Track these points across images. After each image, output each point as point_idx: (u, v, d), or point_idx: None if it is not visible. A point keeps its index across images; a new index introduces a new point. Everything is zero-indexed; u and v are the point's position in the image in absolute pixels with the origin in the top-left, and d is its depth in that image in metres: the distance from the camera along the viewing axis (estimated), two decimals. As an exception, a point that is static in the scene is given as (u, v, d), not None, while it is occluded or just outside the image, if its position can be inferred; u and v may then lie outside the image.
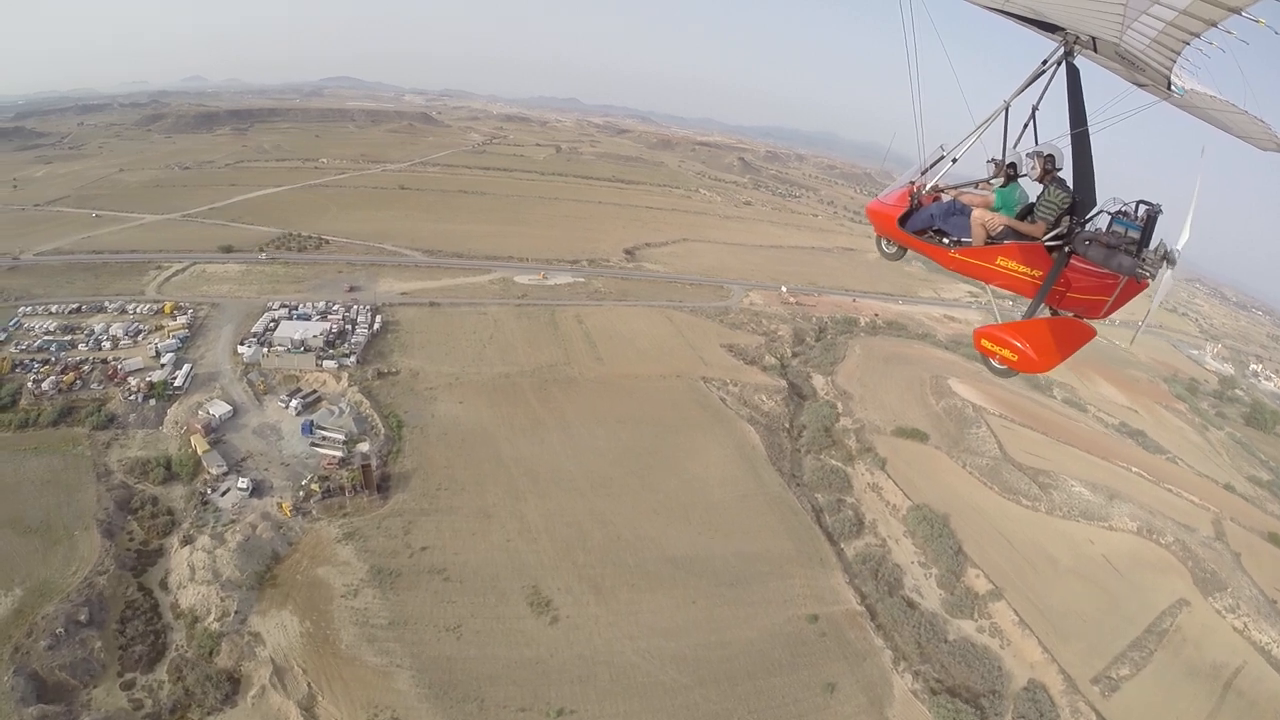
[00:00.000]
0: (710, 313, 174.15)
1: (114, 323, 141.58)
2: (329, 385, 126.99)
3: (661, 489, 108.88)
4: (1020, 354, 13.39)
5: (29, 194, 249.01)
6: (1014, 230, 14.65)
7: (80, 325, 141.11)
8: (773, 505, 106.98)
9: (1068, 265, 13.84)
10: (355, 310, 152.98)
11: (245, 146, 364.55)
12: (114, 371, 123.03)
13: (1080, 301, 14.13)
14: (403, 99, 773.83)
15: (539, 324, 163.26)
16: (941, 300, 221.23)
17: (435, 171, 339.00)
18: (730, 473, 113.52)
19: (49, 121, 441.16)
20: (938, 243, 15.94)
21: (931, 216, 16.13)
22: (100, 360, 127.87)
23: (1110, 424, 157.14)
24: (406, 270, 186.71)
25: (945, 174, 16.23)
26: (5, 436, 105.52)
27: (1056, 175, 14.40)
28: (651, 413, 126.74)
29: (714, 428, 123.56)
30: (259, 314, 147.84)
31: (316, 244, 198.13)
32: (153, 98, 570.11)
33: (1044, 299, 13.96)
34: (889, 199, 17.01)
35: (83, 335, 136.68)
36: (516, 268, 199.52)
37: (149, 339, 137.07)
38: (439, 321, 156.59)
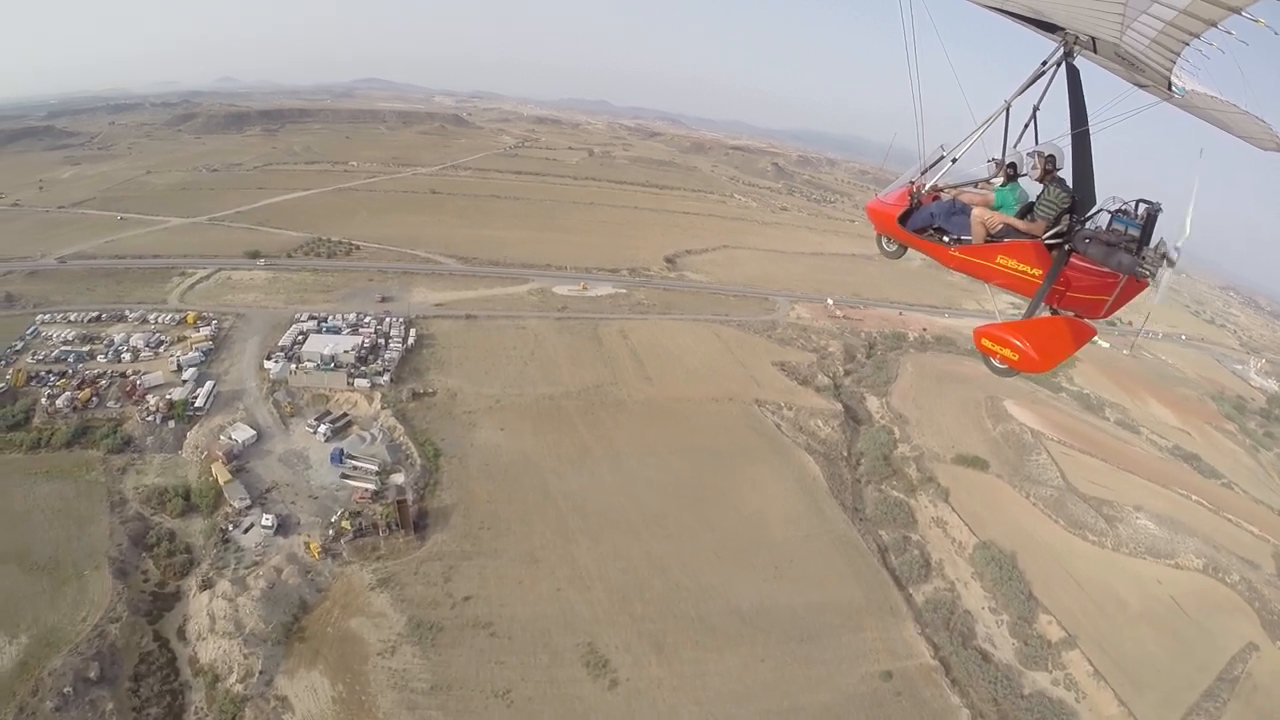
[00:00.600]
0: (758, 327, 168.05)
1: (134, 333, 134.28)
2: (360, 407, 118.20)
3: (721, 527, 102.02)
4: (1020, 353, 13.35)
5: (55, 195, 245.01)
6: (1014, 229, 14.62)
7: (99, 335, 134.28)
8: (838, 545, 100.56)
9: (1068, 264, 13.75)
10: (388, 323, 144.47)
11: (275, 148, 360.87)
12: (132, 388, 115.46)
13: (1080, 301, 14.00)
14: (433, 100, 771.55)
15: (582, 339, 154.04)
16: (985, 313, 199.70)
17: (467, 175, 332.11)
18: (792, 508, 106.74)
19: (80, 121, 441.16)
20: (938, 241, 15.84)
21: (932, 215, 16.11)
22: (119, 374, 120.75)
23: (1164, 446, 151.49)
24: (441, 279, 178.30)
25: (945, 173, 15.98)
26: (16, 459, 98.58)
27: (1056, 175, 14.25)
28: (705, 440, 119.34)
29: (772, 457, 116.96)
30: (286, 325, 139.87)
31: (347, 250, 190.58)
32: (184, 98, 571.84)
33: (1044, 298, 13.87)
34: (889, 198, 16.92)
35: (102, 346, 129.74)
36: (555, 277, 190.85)
37: (170, 351, 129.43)
38: (477, 336, 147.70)
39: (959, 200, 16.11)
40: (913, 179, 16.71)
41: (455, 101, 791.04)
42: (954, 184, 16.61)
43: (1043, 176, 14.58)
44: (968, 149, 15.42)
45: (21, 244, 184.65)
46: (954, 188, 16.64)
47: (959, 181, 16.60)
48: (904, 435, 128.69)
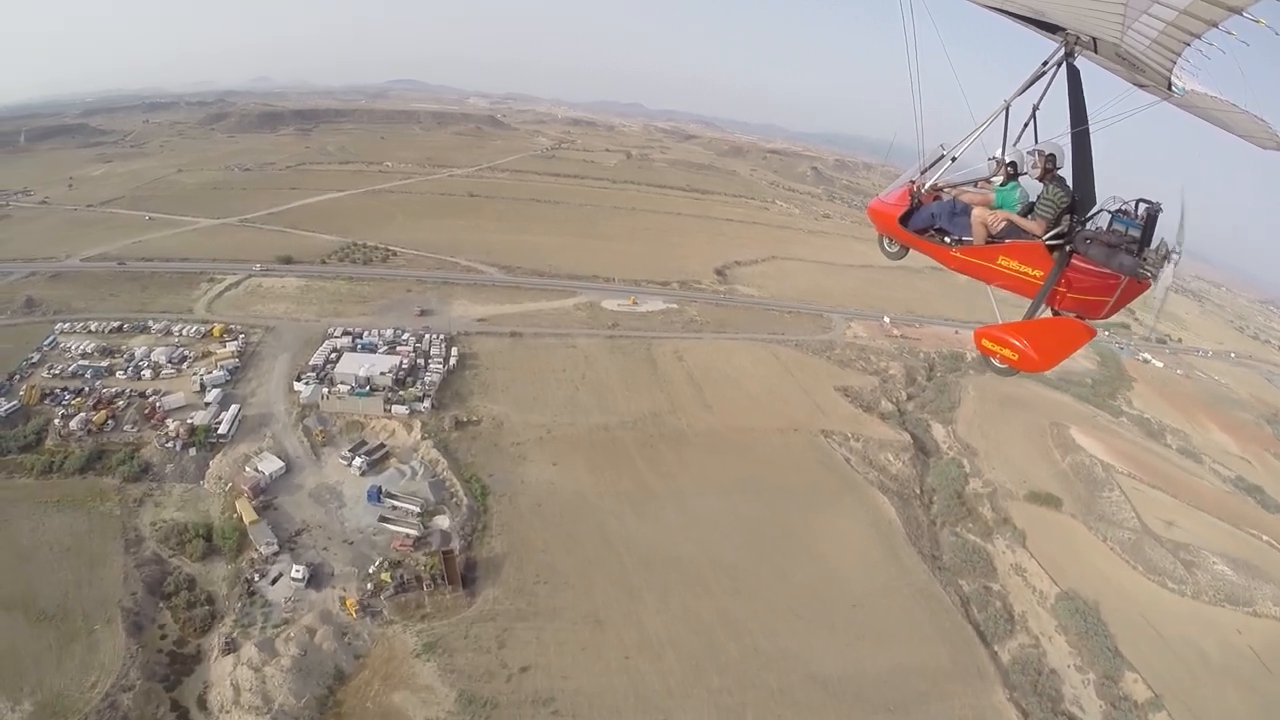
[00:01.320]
0: (816, 348, 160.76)
1: (157, 346, 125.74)
2: (398, 436, 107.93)
3: (796, 579, 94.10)
4: (1021, 354, 13.51)
5: (84, 193, 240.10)
6: (1015, 228, 14.68)
7: (120, 347, 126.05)
8: (920, 599, 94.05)
9: (1069, 265, 13.80)
10: (428, 340, 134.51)
11: (308, 148, 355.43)
12: (151, 410, 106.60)
13: (1081, 302, 14.08)
14: (467, 101, 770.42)
15: (635, 361, 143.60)
16: None
17: (504, 177, 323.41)
18: (868, 555, 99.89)
19: (114, 119, 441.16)
20: (939, 242, 15.91)
21: (933, 215, 16.10)
22: (138, 394, 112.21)
23: (1228, 478, 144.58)
24: (482, 290, 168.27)
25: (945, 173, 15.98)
26: (26, 484, 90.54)
27: (1056, 174, 14.29)
28: (773, 477, 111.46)
29: (844, 496, 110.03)
30: (319, 341, 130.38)
31: (383, 256, 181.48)
32: (219, 96, 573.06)
33: (1045, 299, 14.04)
34: (889, 198, 16.89)
35: (122, 360, 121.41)
36: (603, 290, 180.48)
37: (194, 367, 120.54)
38: (523, 356, 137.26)
39: (960, 200, 16.01)
40: (913, 178, 16.47)
41: (489, 103, 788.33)
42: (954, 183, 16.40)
43: (1043, 175, 14.47)
44: (967, 148, 15.31)
45: (47, 244, 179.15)
46: (954, 187, 16.45)
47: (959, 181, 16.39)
48: (974, 468, 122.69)
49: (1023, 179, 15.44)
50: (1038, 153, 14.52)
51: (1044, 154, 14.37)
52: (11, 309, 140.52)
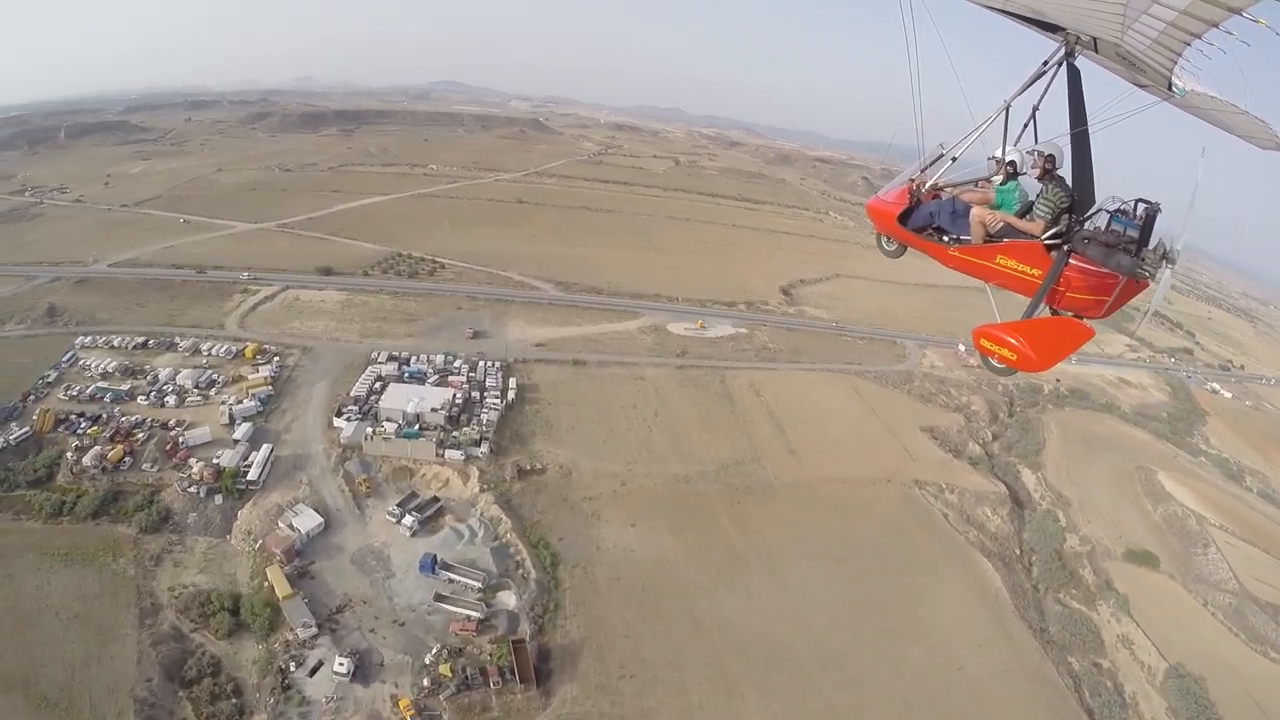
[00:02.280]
0: (895, 380, 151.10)
1: (184, 367, 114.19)
2: (453, 487, 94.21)
3: (907, 665, 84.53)
4: (1019, 353, 13.47)
5: (119, 192, 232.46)
6: (1013, 228, 14.73)
7: (143, 367, 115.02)
8: (1034, 682, 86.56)
9: (1067, 264, 13.84)
10: (482, 368, 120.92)
11: (351, 149, 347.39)
12: (173, 446, 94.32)
13: (1080, 301, 14.07)
14: (508, 104, 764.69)
15: (710, 396, 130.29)
16: (1105, 356, 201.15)
17: (552, 183, 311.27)
18: (979, 633, 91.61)
19: (156, 116, 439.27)
20: (938, 241, 15.95)
21: (931, 214, 16.14)
22: (159, 424, 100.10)
23: None
24: (538, 310, 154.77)
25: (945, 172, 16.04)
26: (34, 529, 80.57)
27: (1056, 174, 14.37)
28: (871, 540, 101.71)
29: (946, 562, 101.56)
30: (361, 367, 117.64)
31: (430, 269, 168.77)
32: (262, 95, 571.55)
33: (1043, 298, 14.06)
34: (888, 196, 16.91)
35: (144, 382, 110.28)
36: (666, 310, 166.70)
37: (223, 394, 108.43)
38: (587, 388, 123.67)
39: (959, 199, 16.06)
40: (912, 177, 16.57)
41: (531, 106, 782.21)
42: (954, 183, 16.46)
43: (1042, 175, 14.44)
44: (967, 148, 15.27)
45: (76, 246, 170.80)
46: (954, 186, 16.52)
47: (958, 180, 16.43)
48: (1070, 522, 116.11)
49: (1022, 178, 15.30)
50: (1037, 153, 14.47)
51: (1044, 154, 14.35)
52: (32, 317, 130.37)
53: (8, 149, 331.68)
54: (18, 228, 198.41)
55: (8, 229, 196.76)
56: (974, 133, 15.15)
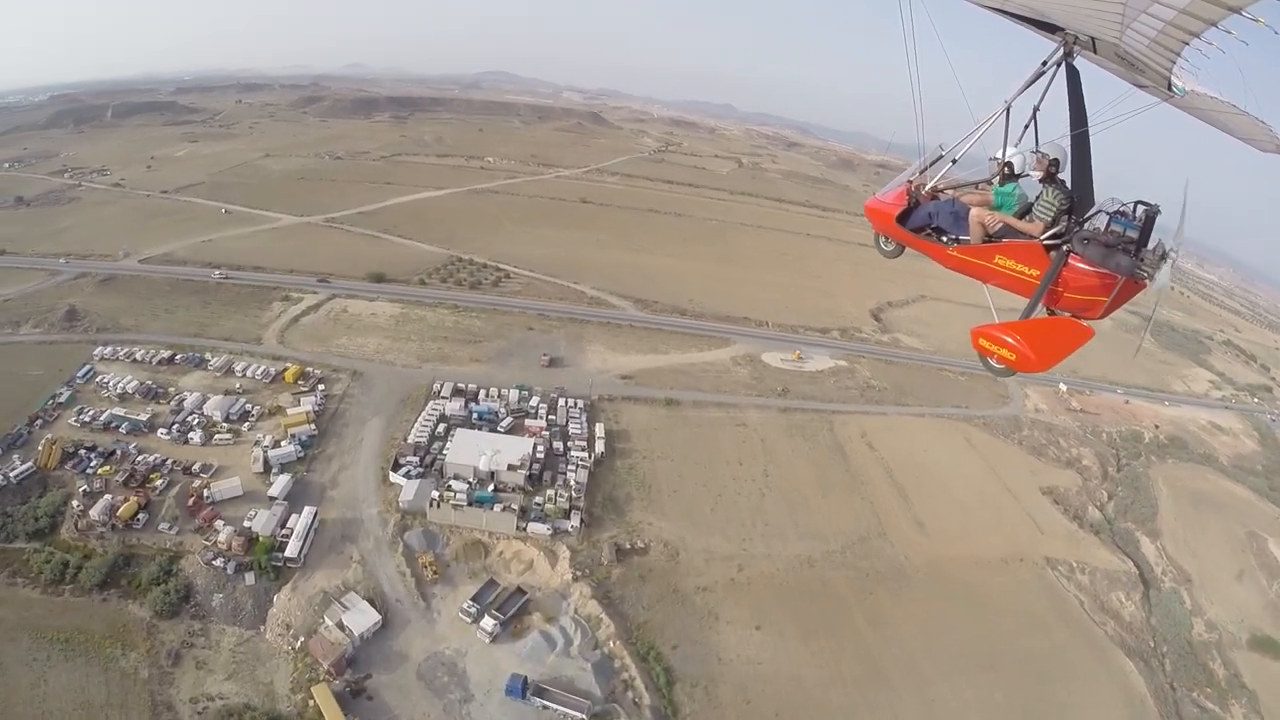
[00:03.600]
0: (1003, 427, 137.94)
1: (213, 391, 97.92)
2: (539, 570, 75.56)
3: None
4: (1018, 353, 13.63)
5: (161, 177, 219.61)
6: (1013, 229, 14.79)
7: (167, 389, 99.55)
8: None
9: (1066, 265, 13.88)
10: (563, 409, 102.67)
11: (404, 137, 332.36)
12: (197, 500, 77.91)
13: (1078, 301, 14.07)
14: (561, 96, 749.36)
15: (821, 448, 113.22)
16: (1194, 396, 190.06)
17: (615, 182, 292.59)
18: None
19: (207, 97, 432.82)
20: (936, 241, 15.96)
21: (930, 215, 16.16)
22: (182, 467, 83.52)
23: None
24: (619, 332, 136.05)
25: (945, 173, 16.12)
26: (31, 600, 68.05)
27: (1057, 176, 14.43)
28: (1015, 640, 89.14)
29: (1090, 663, 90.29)
30: (420, 400, 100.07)
31: (494, 278, 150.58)
32: (314, 80, 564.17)
33: (1042, 298, 14.11)
34: (887, 197, 16.96)
35: (167, 409, 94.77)
36: (757, 338, 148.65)
37: (257, 429, 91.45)
38: (685, 437, 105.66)
39: (958, 200, 16.03)
40: (911, 177, 16.62)
41: (583, 98, 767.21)
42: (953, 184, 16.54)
43: (1044, 177, 14.47)
44: (968, 149, 15.38)
45: (107, 236, 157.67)
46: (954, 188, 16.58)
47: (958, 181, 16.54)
48: (1194, 604, 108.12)
49: (1022, 179, 15.31)
50: (1041, 154, 14.40)
51: (1046, 156, 14.31)
52: (51, 320, 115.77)
53: (55, 127, 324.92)
54: (52, 212, 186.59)
55: (42, 213, 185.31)
56: (974, 133, 14.94)
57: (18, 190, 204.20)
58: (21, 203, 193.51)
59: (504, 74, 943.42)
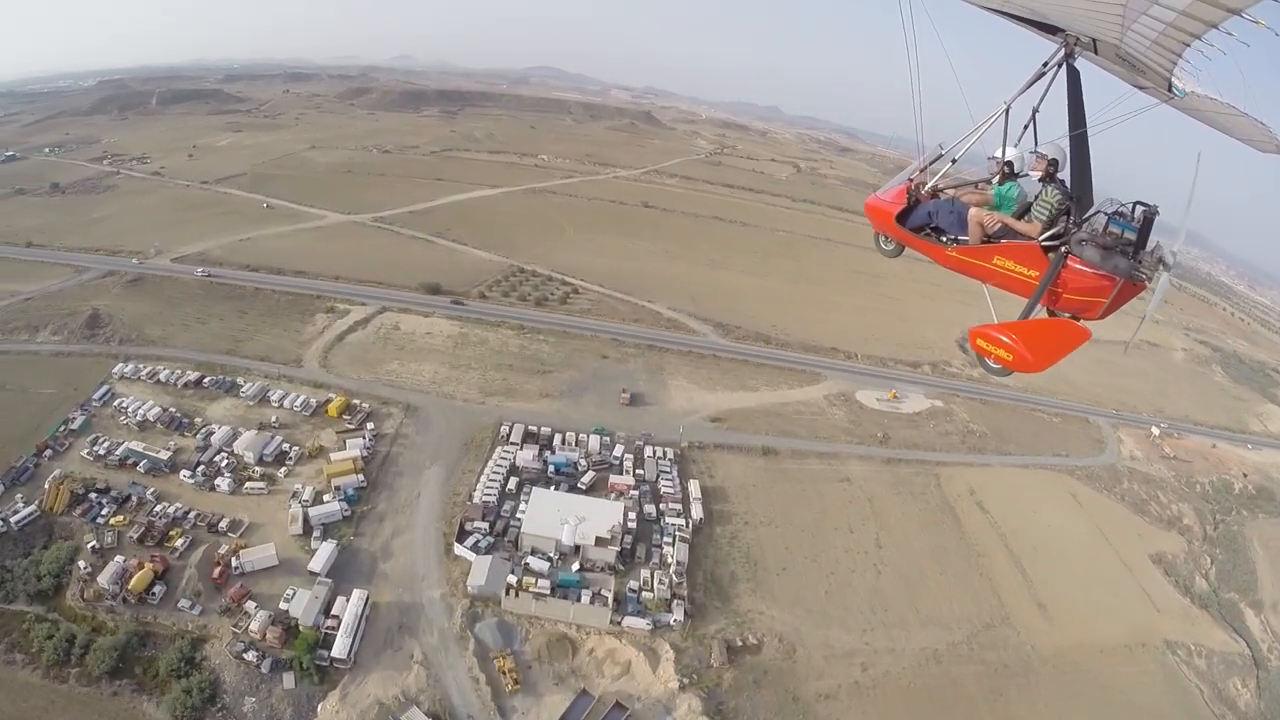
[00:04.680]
0: (1104, 478, 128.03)
1: (245, 424, 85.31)
2: (638, 675, 61.45)
3: None
4: (1015, 354, 13.64)
5: (202, 167, 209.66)
6: (1011, 229, 14.78)
7: (193, 419, 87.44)
8: None
9: (1064, 266, 13.90)
10: (652, 463, 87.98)
11: (454, 132, 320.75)
12: (223, 570, 65.65)
13: (1077, 303, 14.06)
14: (609, 94, 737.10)
15: (932, 511, 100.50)
16: (1273, 437, 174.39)
17: (674, 185, 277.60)
18: None
19: (254, 86, 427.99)
20: (935, 241, 15.93)
21: (930, 214, 16.14)
22: (207, 522, 70.54)
23: None
24: (702, 363, 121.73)
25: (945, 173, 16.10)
26: (30, 685, 58.17)
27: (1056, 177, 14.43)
28: None
29: None
30: (486, 444, 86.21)
31: (561, 294, 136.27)
32: (362, 71, 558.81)
33: (1040, 299, 14.13)
34: (887, 195, 16.96)
35: (192, 443, 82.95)
36: (848, 372, 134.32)
37: (296, 474, 78.09)
38: (788, 496, 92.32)
39: (957, 200, 16.04)
40: (910, 176, 16.59)
41: (631, 96, 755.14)
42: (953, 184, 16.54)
43: (1044, 177, 14.42)
44: (967, 149, 15.37)
45: (140, 231, 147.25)
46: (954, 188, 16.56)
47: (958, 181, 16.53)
48: None
49: (1022, 180, 15.27)
50: (1040, 155, 14.33)
51: (1046, 157, 14.23)
52: (71, 327, 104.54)
53: (99, 113, 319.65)
54: (87, 201, 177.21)
55: (76, 202, 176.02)
56: (974, 134, 14.85)
57: (56, 176, 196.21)
58: (57, 189, 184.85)
59: (551, 69, 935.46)
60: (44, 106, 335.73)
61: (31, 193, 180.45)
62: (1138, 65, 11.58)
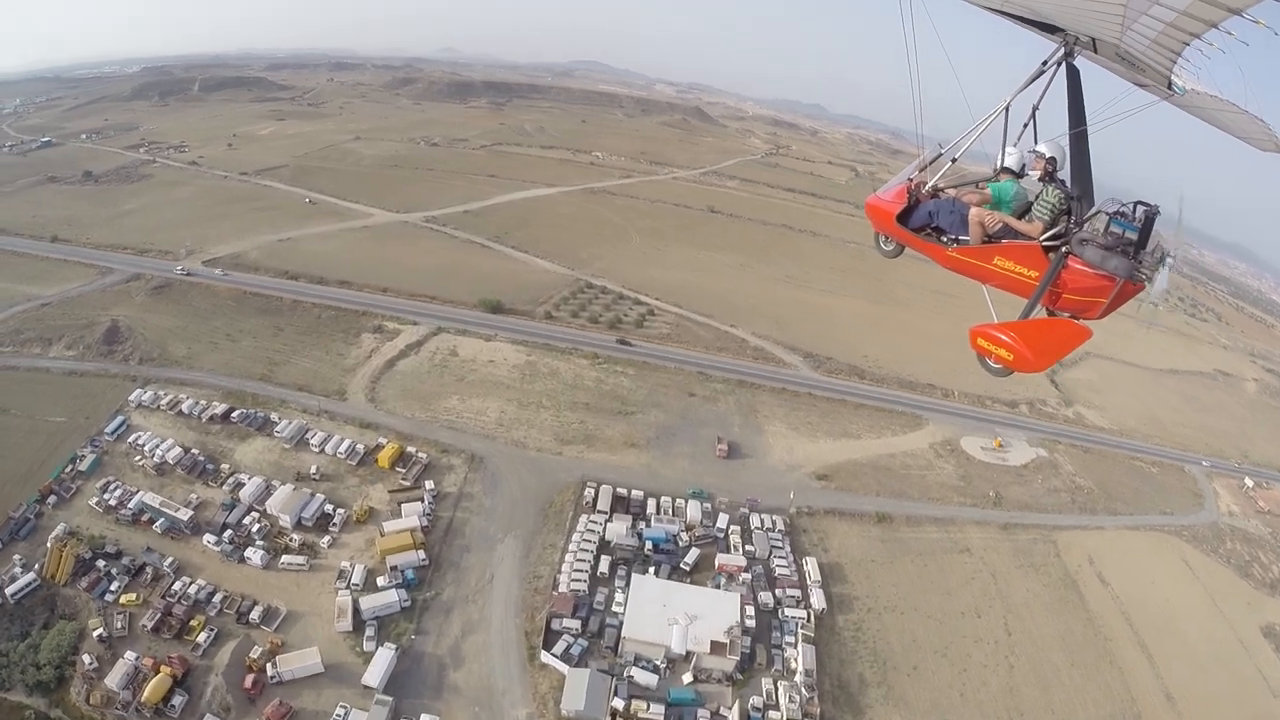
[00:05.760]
0: (1207, 539, 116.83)
1: (280, 475, 72.57)
2: None
3: None
4: (1015, 353, 13.25)
5: (242, 156, 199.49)
6: (1012, 229, 14.30)
7: (219, 463, 75.41)
8: None
9: (1065, 266, 13.44)
10: (761, 536, 73.80)
11: (503, 124, 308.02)
12: (258, 680, 52.32)
13: (1077, 302, 13.56)
14: (654, 88, 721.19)
15: (1055, 586, 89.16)
16: None
17: (735, 188, 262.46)
18: None
19: (299, 75, 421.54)
20: (936, 241, 15.48)
21: (930, 214, 15.66)
22: (235, 607, 58.19)
23: None
24: (797, 403, 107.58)
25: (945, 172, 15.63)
26: None
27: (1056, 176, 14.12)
28: None
29: None
30: (566, 510, 72.56)
31: (636, 315, 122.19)
32: (406, 62, 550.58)
33: (1040, 299, 13.71)
34: (887, 195, 16.44)
35: (218, 499, 69.54)
36: (946, 412, 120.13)
37: (342, 546, 65.44)
38: (909, 575, 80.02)
39: (957, 200, 15.56)
40: (911, 176, 16.22)
41: (676, 91, 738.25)
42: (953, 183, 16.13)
43: (1043, 177, 14.10)
44: (967, 148, 15.04)
45: (172, 227, 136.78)
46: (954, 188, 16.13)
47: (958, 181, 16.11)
48: None
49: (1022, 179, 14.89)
50: (1038, 154, 13.97)
51: (1045, 156, 13.86)
52: (86, 341, 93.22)
53: (140, 98, 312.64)
54: (119, 191, 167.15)
55: (108, 192, 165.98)
56: (973, 133, 14.51)
57: (90, 163, 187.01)
58: (90, 178, 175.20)
59: (596, 63, 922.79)
60: (86, 92, 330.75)
61: (64, 180, 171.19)
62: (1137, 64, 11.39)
